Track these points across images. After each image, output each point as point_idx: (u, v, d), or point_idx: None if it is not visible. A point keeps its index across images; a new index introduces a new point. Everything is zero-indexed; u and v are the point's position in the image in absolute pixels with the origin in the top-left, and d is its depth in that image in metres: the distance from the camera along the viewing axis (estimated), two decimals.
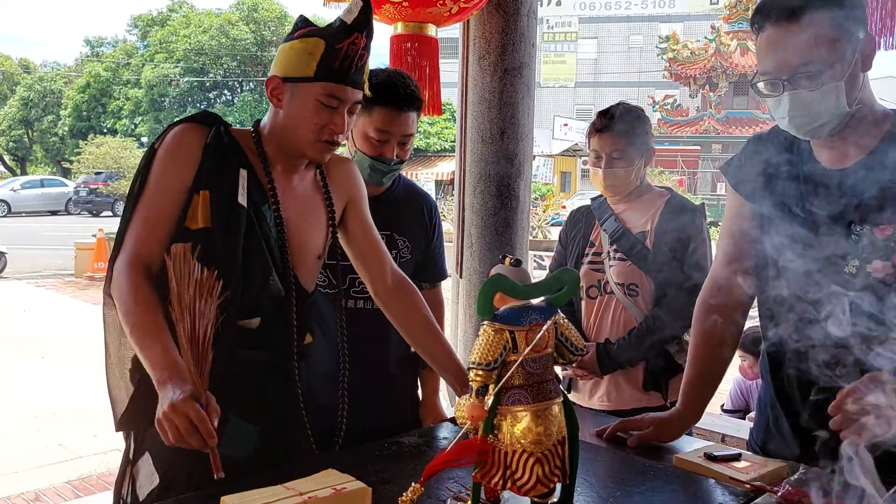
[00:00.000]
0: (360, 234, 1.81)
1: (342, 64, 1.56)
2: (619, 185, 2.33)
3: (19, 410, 5.42)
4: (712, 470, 1.47)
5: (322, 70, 1.56)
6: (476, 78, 3.33)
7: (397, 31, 2.93)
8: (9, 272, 12.21)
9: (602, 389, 2.36)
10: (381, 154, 2.00)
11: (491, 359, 1.11)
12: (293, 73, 1.58)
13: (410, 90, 1.99)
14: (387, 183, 2.11)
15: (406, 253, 2.15)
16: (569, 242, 2.51)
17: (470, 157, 3.38)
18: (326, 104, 1.58)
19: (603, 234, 2.39)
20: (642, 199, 2.37)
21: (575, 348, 1.19)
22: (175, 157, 1.56)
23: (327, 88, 1.57)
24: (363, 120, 2.01)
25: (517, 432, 1.11)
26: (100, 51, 43.36)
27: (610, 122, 2.30)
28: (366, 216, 1.83)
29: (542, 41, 34.49)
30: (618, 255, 2.33)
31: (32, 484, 4.07)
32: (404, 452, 1.59)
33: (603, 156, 2.31)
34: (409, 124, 2.01)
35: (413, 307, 1.82)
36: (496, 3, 3.24)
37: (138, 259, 1.50)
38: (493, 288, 1.12)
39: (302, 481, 1.24)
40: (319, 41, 1.56)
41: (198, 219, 1.54)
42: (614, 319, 2.34)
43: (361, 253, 1.82)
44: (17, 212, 25.02)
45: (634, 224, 2.34)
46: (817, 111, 1.44)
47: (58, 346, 7.35)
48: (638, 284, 2.30)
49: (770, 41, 1.46)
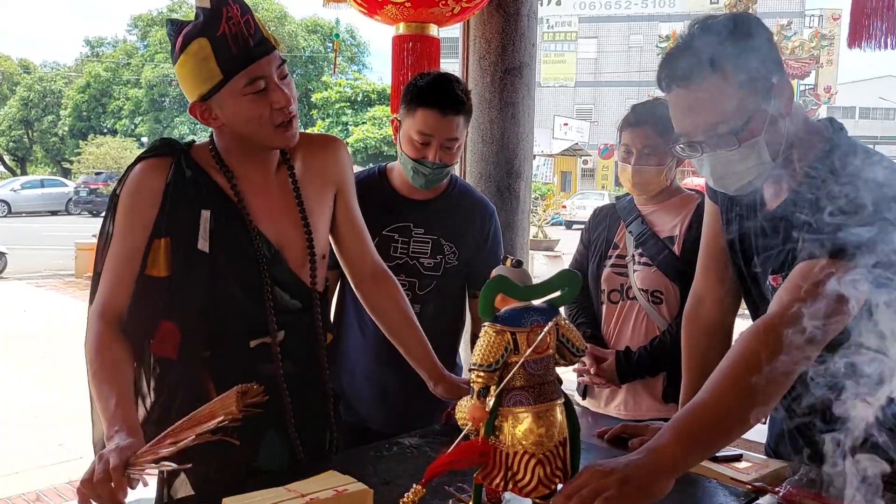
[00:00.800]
0: (342, 220, 1.76)
1: (237, 44, 1.43)
2: (648, 183, 2.22)
3: (20, 411, 5.42)
4: (713, 470, 1.47)
5: (224, 65, 1.43)
6: (476, 78, 3.33)
7: (399, 31, 2.93)
8: (9, 272, 12.20)
9: (619, 398, 2.28)
10: (423, 157, 1.97)
11: (492, 360, 1.11)
12: (205, 87, 1.46)
13: (455, 93, 1.95)
14: (431, 187, 2.07)
15: (453, 259, 2.12)
16: (591, 243, 2.41)
17: (470, 157, 3.38)
18: (254, 91, 1.46)
19: (628, 236, 2.28)
20: (671, 202, 2.27)
21: (576, 349, 1.19)
22: (134, 203, 1.52)
23: (243, 78, 1.45)
24: (408, 122, 1.99)
25: (518, 433, 1.11)
26: (100, 51, 43.40)
27: (644, 115, 2.21)
28: (351, 203, 1.77)
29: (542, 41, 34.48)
30: (643, 260, 2.23)
31: (33, 484, 4.07)
32: (405, 453, 1.59)
33: (633, 151, 2.20)
34: (452, 128, 1.97)
35: (391, 299, 1.81)
36: (496, 4, 3.24)
37: (108, 309, 1.49)
38: (495, 289, 1.12)
39: (303, 483, 1.24)
40: (201, 40, 1.43)
41: (160, 266, 1.52)
42: (636, 326, 2.25)
43: (342, 238, 1.78)
44: (18, 212, 25.00)
45: (662, 227, 2.24)
46: (740, 170, 1.39)
47: (58, 346, 7.34)
48: (663, 292, 2.21)
49: (678, 104, 1.40)
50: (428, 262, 2.10)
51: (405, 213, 2.10)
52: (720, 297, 1.73)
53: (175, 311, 1.53)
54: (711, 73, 1.33)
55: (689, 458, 1.13)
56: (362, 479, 1.28)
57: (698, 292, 1.77)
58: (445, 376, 1.79)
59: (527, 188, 3.44)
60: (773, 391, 1.19)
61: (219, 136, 1.59)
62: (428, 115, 1.95)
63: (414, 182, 2.04)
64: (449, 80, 1.98)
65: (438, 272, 2.11)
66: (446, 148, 1.99)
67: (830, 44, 17.62)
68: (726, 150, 1.37)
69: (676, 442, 1.12)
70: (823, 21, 22.43)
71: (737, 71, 1.32)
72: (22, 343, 7.62)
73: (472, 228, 2.16)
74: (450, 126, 1.96)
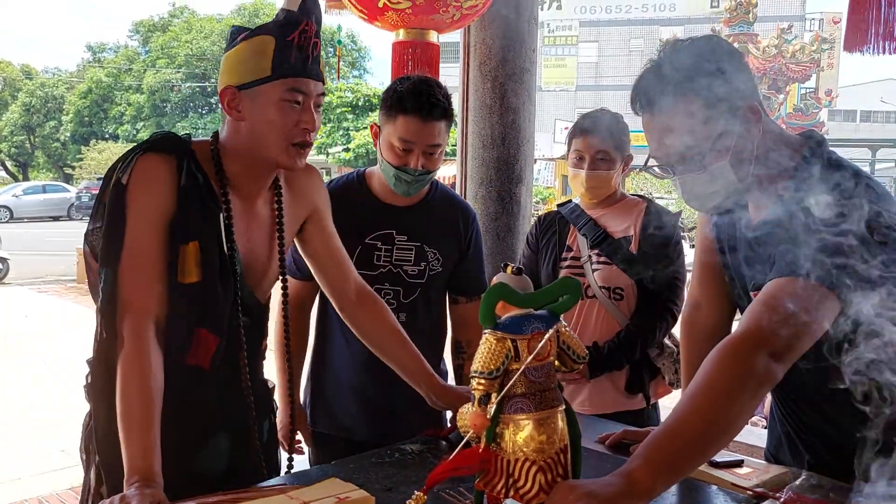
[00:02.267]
0: (321, 246, 1.75)
1: (298, 56, 1.47)
2: (601, 187, 2.33)
3: (21, 416, 5.42)
4: (714, 476, 1.48)
5: (278, 66, 1.45)
6: (477, 83, 3.34)
7: (399, 37, 2.94)
8: (11, 277, 12.22)
9: (584, 394, 2.36)
10: (405, 164, 1.95)
11: (493, 367, 1.11)
12: (247, 77, 1.47)
13: (436, 99, 1.92)
14: (414, 193, 2.04)
15: (437, 266, 2.10)
16: (540, 248, 2.49)
17: (471, 163, 3.39)
18: (291, 101, 1.47)
19: (581, 238, 2.38)
20: (620, 205, 2.38)
21: (577, 356, 1.19)
22: (150, 191, 1.45)
23: (288, 84, 1.47)
24: (388, 128, 1.96)
25: (519, 440, 1.11)
26: (101, 56, 43.46)
27: (596, 123, 2.32)
28: (328, 228, 1.76)
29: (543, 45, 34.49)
30: (601, 259, 2.33)
31: (35, 490, 4.07)
32: (407, 460, 1.59)
33: (587, 156, 2.31)
34: (434, 134, 1.94)
35: (379, 318, 1.79)
36: (497, 9, 3.24)
37: (148, 316, 1.41)
38: (495, 297, 1.12)
39: (305, 490, 1.25)
40: (268, 38, 1.46)
41: (192, 273, 1.47)
42: (597, 324, 2.34)
43: (323, 266, 1.77)
44: (20, 217, 25.02)
45: (615, 229, 2.34)
46: (708, 192, 1.42)
47: (60, 351, 7.34)
48: (623, 288, 2.31)
49: (647, 128, 1.42)
50: (412, 269, 2.08)
51: (387, 220, 2.07)
52: (716, 302, 1.74)
53: (208, 317, 1.50)
54: (677, 99, 1.35)
55: (657, 486, 1.13)
56: (364, 487, 1.28)
57: (695, 298, 1.80)
58: (446, 388, 1.77)
59: (528, 193, 3.45)
60: (739, 413, 1.19)
61: (230, 133, 1.55)
62: (409, 122, 1.92)
63: (396, 189, 2.01)
64: (430, 85, 1.95)
65: (423, 279, 2.09)
66: (428, 154, 1.96)
67: (831, 47, 17.63)
68: (695, 174, 1.39)
69: (647, 467, 1.13)
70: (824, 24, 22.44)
71: (703, 96, 1.34)
72: (24, 349, 7.62)
73: (454, 233, 2.15)
74: (431, 132, 1.94)
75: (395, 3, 2.77)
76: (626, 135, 2.36)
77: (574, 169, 2.36)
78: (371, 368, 1.96)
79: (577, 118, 2.43)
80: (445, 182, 2.43)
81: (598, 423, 2.05)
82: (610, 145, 2.30)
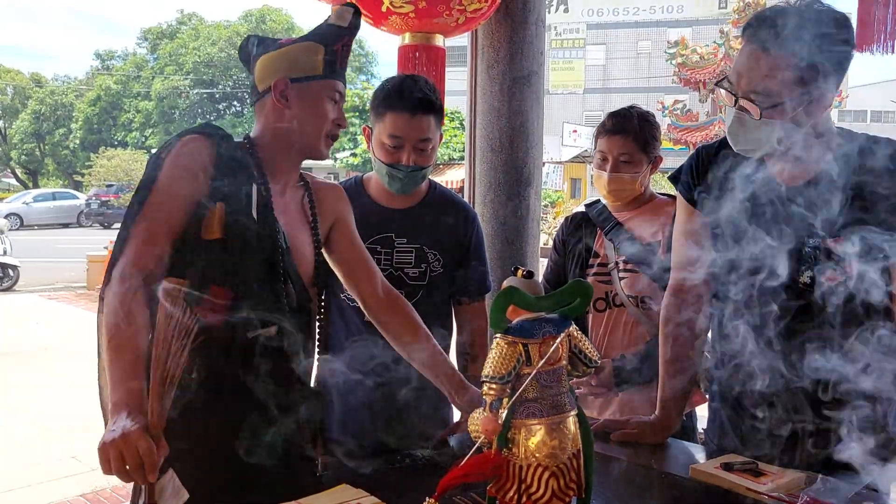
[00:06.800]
0: (347, 251, 1.80)
1: (340, 62, 1.67)
2: (624, 190, 2.23)
3: (32, 423, 5.43)
4: (729, 481, 1.46)
5: (328, 68, 1.64)
6: (485, 87, 3.33)
7: (405, 41, 2.94)
8: (21, 285, 12.27)
9: (614, 406, 2.26)
10: (396, 161, 1.95)
11: (504, 372, 1.10)
12: (301, 72, 1.63)
13: (422, 93, 1.93)
14: (409, 191, 2.04)
15: (438, 267, 2.09)
16: (567, 252, 2.39)
17: (479, 166, 3.38)
18: (332, 99, 1.66)
19: (608, 243, 2.28)
20: (647, 208, 2.28)
21: (589, 360, 1.18)
22: (185, 167, 1.54)
23: (333, 85, 1.66)
24: (378, 127, 1.97)
25: (532, 446, 1.10)
26: (110, 64, 43.74)
27: (621, 123, 2.22)
28: (353, 233, 1.82)
29: (551, 48, 34.51)
30: (628, 267, 2.22)
31: (46, 497, 4.08)
32: (418, 466, 1.58)
33: (610, 158, 2.22)
34: (423, 129, 1.94)
35: (405, 318, 1.79)
36: (504, 12, 3.24)
37: (137, 268, 1.46)
38: (506, 300, 1.11)
39: (315, 497, 1.24)
40: (317, 45, 1.64)
41: (214, 230, 1.54)
42: (625, 334, 2.24)
43: (350, 271, 1.81)
44: (30, 224, 25.17)
45: (643, 234, 2.23)
46: (751, 138, 1.49)
47: (70, 358, 7.37)
48: (652, 297, 2.18)
49: (745, 56, 1.48)
50: (413, 271, 2.07)
51: (386, 223, 2.07)
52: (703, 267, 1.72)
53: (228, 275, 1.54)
54: (802, 46, 1.39)
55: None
56: (374, 493, 1.27)
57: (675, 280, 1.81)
58: (468, 387, 1.74)
59: (536, 196, 3.43)
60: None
61: (265, 124, 1.67)
62: (397, 118, 1.93)
63: (390, 187, 2.01)
64: (415, 81, 1.96)
65: (424, 281, 2.08)
66: (419, 150, 1.96)
67: None
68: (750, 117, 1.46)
69: None
70: None
71: (826, 54, 1.40)
72: (34, 355, 7.65)
73: (454, 234, 2.13)
74: (420, 126, 1.94)
75: (397, 7, 2.77)
76: (655, 136, 2.26)
77: (598, 170, 2.27)
78: (381, 374, 1.95)
79: (586, 121, 2.38)
80: (454, 186, 2.42)
81: None
82: (635, 147, 2.20)
